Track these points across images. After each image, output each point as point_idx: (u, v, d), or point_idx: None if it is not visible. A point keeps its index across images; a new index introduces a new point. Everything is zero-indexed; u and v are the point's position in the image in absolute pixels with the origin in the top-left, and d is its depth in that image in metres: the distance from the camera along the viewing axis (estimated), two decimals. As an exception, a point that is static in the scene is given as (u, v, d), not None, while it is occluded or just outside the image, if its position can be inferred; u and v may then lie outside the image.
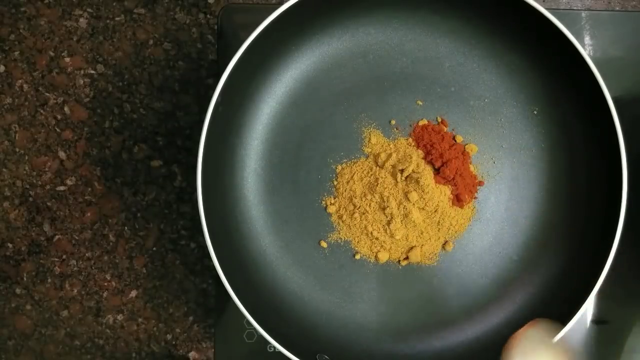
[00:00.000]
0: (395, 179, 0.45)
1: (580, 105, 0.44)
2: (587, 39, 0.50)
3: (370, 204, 0.45)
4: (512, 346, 0.38)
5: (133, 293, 0.52)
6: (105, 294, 0.52)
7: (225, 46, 0.49)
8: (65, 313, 0.52)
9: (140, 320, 0.52)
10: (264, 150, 0.47)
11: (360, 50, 0.47)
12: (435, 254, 0.46)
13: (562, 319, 0.41)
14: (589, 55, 0.43)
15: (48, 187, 0.52)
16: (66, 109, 0.52)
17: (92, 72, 0.52)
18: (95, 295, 0.52)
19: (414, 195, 0.44)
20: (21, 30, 0.53)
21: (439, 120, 0.47)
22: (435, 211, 0.45)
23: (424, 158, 0.46)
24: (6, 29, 0.53)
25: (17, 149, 0.52)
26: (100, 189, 0.52)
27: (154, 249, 0.52)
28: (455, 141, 0.47)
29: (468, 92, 0.47)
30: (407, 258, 0.46)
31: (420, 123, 0.47)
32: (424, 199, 0.44)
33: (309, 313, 0.46)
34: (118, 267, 0.52)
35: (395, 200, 0.45)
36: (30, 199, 0.52)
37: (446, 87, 0.47)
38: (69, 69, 0.52)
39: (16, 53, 0.52)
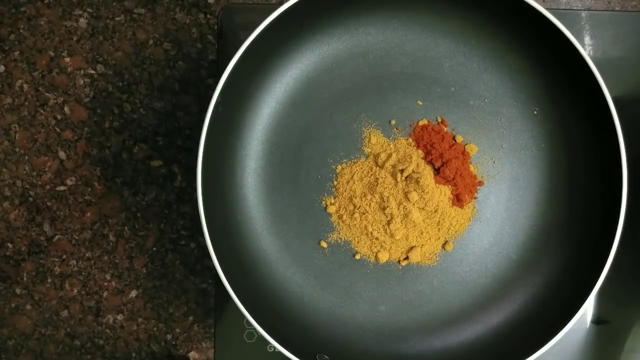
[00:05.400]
0: (395, 179, 0.45)
1: (580, 105, 0.44)
2: (587, 39, 0.50)
3: (370, 204, 0.45)
4: None
5: (133, 293, 0.52)
6: (105, 294, 0.52)
7: (225, 46, 0.49)
8: (65, 313, 0.52)
9: (140, 320, 0.52)
10: (264, 150, 0.47)
11: (360, 50, 0.47)
12: (435, 254, 0.46)
13: (562, 319, 0.41)
14: (589, 55, 0.43)
15: (48, 187, 0.52)
16: (66, 109, 0.52)
17: (92, 72, 0.52)
18: (95, 295, 0.52)
19: (414, 195, 0.44)
20: (21, 30, 0.53)
21: (439, 120, 0.47)
22: (435, 211, 0.45)
23: (424, 158, 0.46)
24: (6, 29, 0.53)
25: (17, 149, 0.52)
26: (100, 189, 0.52)
27: (154, 249, 0.52)
28: (455, 141, 0.47)
29: (468, 92, 0.47)
30: (407, 258, 0.46)
31: (420, 123, 0.47)
32: (424, 199, 0.44)
33: (309, 313, 0.46)
34: (118, 267, 0.52)
35: (395, 200, 0.45)
36: (30, 199, 0.52)
37: (446, 87, 0.47)
38: (69, 69, 0.52)
39: (16, 53, 0.52)
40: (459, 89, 0.47)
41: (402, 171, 0.45)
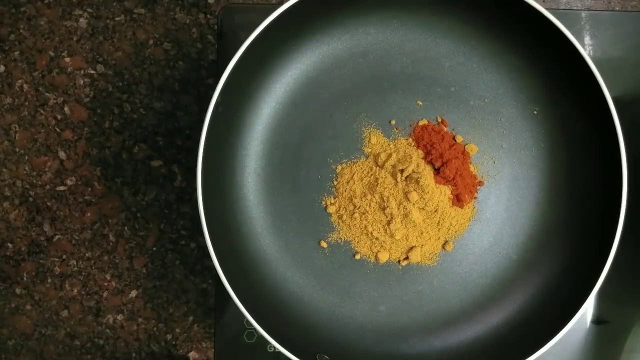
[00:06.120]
0: (395, 179, 0.45)
1: (580, 105, 0.44)
2: (587, 39, 0.50)
3: (370, 204, 0.45)
4: None
5: (133, 293, 0.52)
6: (105, 294, 0.52)
7: (225, 46, 0.49)
8: (65, 313, 0.52)
9: (140, 320, 0.52)
10: (264, 150, 0.47)
11: (360, 50, 0.47)
12: (435, 254, 0.46)
13: (562, 319, 0.41)
14: (589, 55, 0.43)
15: (48, 187, 0.52)
16: (66, 109, 0.52)
17: (92, 72, 0.52)
18: (95, 295, 0.52)
19: (414, 195, 0.44)
20: (21, 30, 0.53)
21: (439, 120, 0.47)
22: (435, 211, 0.45)
23: (424, 158, 0.46)
24: (6, 29, 0.53)
25: (17, 149, 0.52)
26: (100, 189, 0.52)
27: (154, 249, 0.52)
28: (455, 141, 0.47)
29: (468, 92, 0.47)
30: (407, 258, 0.46)
31: (420, 123, 0.47)
32: (424, 199, 0.44)
33: (309, 313, 0.46)
34: (118, 267, 0.52)
35: (395, 200, 0.45)
36: (30, 199, 0.52)
37: (446, 87, 0.47)
38: (69, 69, 0.52)
39: (16, 53, 0.52)
40: (459, 89, 0.47)
41: (402, 171, 0.45)
